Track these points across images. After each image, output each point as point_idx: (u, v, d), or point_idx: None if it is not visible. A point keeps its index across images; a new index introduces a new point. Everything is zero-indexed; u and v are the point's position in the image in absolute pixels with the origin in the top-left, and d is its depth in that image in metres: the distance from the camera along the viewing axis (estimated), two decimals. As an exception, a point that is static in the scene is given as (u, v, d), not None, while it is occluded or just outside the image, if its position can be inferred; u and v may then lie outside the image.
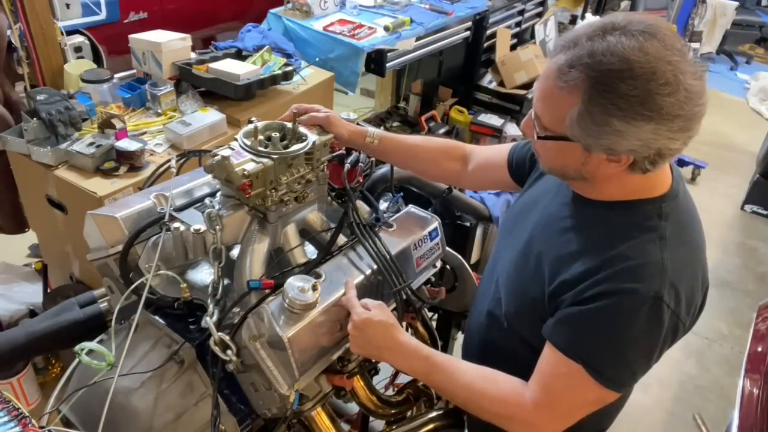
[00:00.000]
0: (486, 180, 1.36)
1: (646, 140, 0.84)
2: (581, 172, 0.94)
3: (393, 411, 1.33)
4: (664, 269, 0.90)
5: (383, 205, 1.40)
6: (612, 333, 0.91)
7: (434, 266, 1.33)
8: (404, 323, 1.28)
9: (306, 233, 1.22)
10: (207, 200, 1.16)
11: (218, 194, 1.15)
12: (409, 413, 1.38)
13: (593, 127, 0.85)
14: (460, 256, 1.52)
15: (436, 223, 1.30)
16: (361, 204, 1.27)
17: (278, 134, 1.18)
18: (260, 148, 1.08)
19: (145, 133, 2.08)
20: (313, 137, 1.15)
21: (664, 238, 0.93)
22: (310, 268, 1.09)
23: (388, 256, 1.13)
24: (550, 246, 1.02)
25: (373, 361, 1.18)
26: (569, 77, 0.85)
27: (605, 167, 0.91)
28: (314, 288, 1.00)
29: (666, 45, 0.82)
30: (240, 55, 2.52)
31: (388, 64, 3.26)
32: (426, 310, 1.47)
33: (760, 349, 1.94)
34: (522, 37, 4.64)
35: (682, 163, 4.31)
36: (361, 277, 1.12)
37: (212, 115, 2.17)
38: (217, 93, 2.29)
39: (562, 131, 0.90)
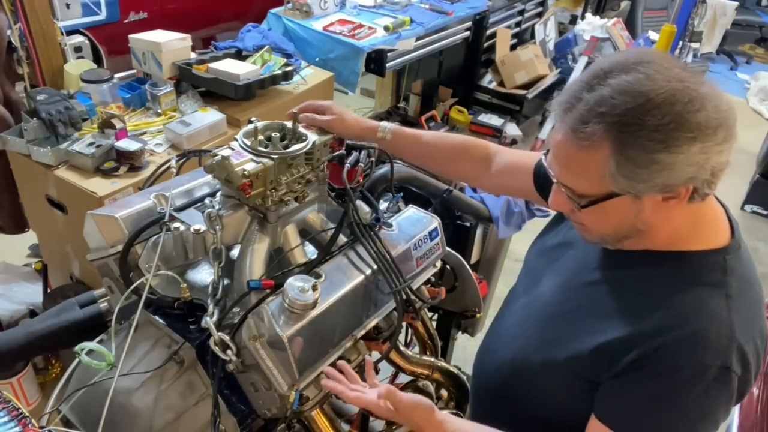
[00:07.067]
0: (509, 186, 1.26)
1: (699, 162, 0.77)
2: (636, 225, 0.86)
3: (393, 411, 1.33)
4: (732, 334, 0.82)
5: (383, 205, 1.40)
6: (679, 412, 0.84)
7: (434, 266, 1.33)
8: (404, 323, 1.28)
9: (306, 233, 1.22)
10: (207, 200, 1.16)
11: (218, 194, 1.15)
12: (409, 413, 1.38)
13: (639, 171, 0.78)
14: (460, 256, 1.52)
15: (436, 223, 1.30)
16: (361, 204, 1.27)
17: (278, 134, 1.18)
18: (260, 148, 1.08)
19: (145, 133, 2.08)
20: (313, 137, 1.15)
21: (730, 297, 0.85)
22: (310, 268, 1.09)
23: (387, 256, 1.13)
24: (592, 296, 0.95)
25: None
26: (587, 133, 0.79)
27: (663, 208, 0.83)
28: (314, 288, 1.00)
29: (667, 66, 0.78)
30: (240, 55, 2.52)
31: (388, 64, 3.27)
32: (426, 310, 1.47)
33: (760, 349, 1.93)
34: (522, 37, 4.66)
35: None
36: (361, 277, 1.12)
37: (212, 115, 2.17)
38: (217, 93, 2.29)
39: (604, 190, 0.82)
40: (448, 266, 1.51)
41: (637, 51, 0.84)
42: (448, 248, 1.38)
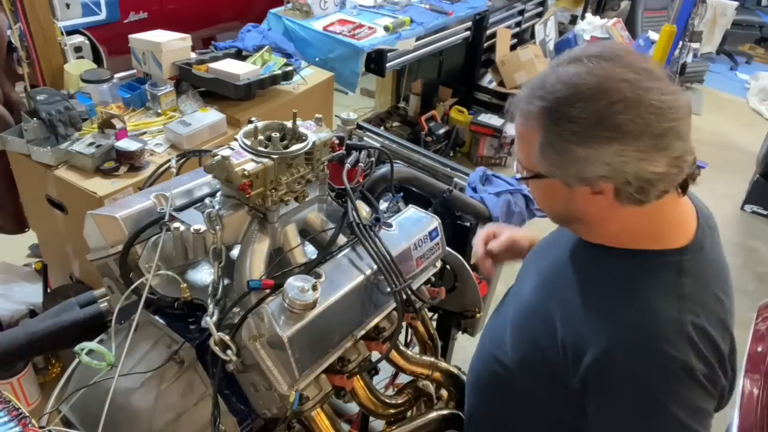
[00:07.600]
0: None
1: (614, 164, 0.79)
2: (571, 211, 0.90)
3: (393, 411, 1.33)
4: (685, 334, 0.82)
5: (383, 205, 1.40)
6: (670, 423, 0.84)
7: (434, 266, 1.33)
8: (404, 323, 1.28)
9: (306, 233, 1.22)
10: (207, 200, 1.16)
11: (218, 194, 1.15)
12: (409, 413, 1.38)
13: (556, 158, 0.83)
14: (460, 256, 1.52)
15: (436, 223, 1.30)
16: (361, 204, 1.27)
17: (278, 134, 1.18)
18: (260, 148, 1.08)
19: (145, 133, 2.08)
20: (313, 137, 1.15)
21: (683, 298, 0.85)
22: (310, 268, 1.09)
23: (388, 257, 1.13)
24: (559, 295, 0.97)
25: (373, 360, 1.18)
26: (526, 111, 0.86)
27: (592, 202, 0.86)
28: (314, 288, 1.00)
29: (620, 64, 0.80)
30: (240, 55, 2.52)
31: (388, 64, 3.26)
32: (426, 310, 1.46)
33: (760, 349, 1.93)
34: (522, 37, 4.65)
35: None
36: (361, 277, 1.12)
37: (212, 115, 2.17)
38: (217, 93, 2.29)
39: (535, 169, 0.89)
40: (448, 266, 1.51)
41: (603, 45, 0.87)
42: (448, 248, 1.38)
